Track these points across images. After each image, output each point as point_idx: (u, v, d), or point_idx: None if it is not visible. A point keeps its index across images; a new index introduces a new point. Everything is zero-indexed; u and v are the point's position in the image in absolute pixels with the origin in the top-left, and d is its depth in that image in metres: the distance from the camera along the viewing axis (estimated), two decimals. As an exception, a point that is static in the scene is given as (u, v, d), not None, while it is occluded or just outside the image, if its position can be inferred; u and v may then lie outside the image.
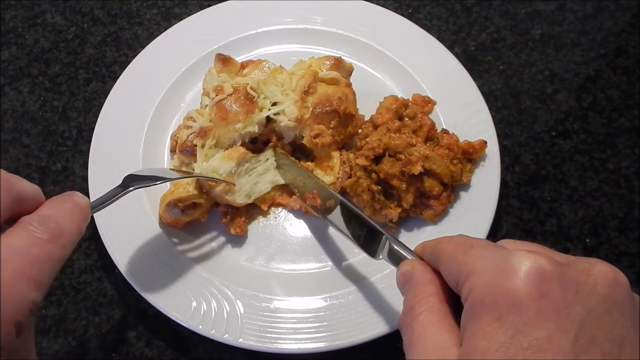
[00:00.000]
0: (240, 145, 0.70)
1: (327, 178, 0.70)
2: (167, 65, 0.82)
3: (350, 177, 0.70)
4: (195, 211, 0.69)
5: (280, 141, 0.73)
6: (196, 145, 0.69)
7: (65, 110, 0.86)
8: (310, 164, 0.73)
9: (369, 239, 0.57)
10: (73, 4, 0.96)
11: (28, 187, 0.38)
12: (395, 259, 0.52)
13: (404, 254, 0.51)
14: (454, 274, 0.40)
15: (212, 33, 0.85)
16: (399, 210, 0.68)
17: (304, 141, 0.71)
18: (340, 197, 0.63)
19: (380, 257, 0.55)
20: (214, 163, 0.68)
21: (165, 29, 0.86)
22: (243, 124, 0.69)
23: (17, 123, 0.85)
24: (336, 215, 0.63)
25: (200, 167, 0.68)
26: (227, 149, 0.70)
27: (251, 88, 0.70)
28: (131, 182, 0.57)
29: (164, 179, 0.63)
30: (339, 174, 0.70)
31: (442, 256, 0.43)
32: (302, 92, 0.70)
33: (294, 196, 0.72)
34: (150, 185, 0.61)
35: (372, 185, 0.68)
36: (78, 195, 0.41)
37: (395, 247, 0.52)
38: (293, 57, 0.78)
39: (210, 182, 0.67)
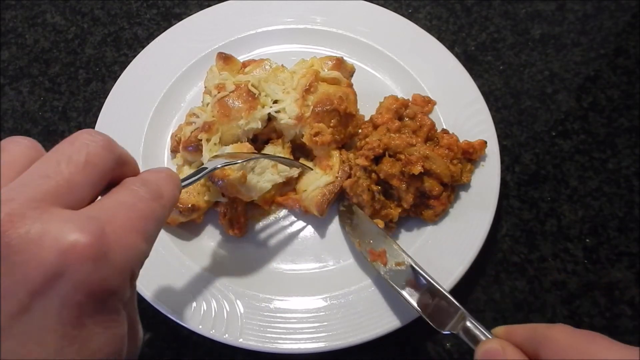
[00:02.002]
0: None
1: (326, 177, 0.70)
2: (167, 65, 0.82)
3: (350, 176, 0.70)
4: (193, 213, 0.69)
5: (280, 139, 0.73)
6: (201, 140, 0.68)
7: (65, 110, 0.86)
8: (309, 163, 0.73)
9: (439, 310, 0.56)
10: (73, 4, 0.96)
11: (126, 153, 0.39)
12: (471, 336, 0.51)
13: (485, 332, 0.50)
14: None
15: (212, 33, 0.85)
16: (399, 210, 0.68)
17: (304, 139, 0.71)
18: (411, 261, 0.61)
19: (449, 330, 0.54)
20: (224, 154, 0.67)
21: (165, 29, 0.86)
22: (246, 120, 0.69)
23: (17, 123, 0.85)
24: (400, 277, 0.61)
25: (205, 159, 0.68)
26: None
27: (252, 85, 0.70)
28: (213, 164, 0.59)
29: (244, 160, 0.64)
30: (338, 173, 0.70)
31: (551, 343, 0.42)
32: (303, 90, 0.70)
33: (293, 196, 0.72)
34: (231, 164, 0.62)
35: (372, 185, 0.68)
36: (170, 169, 0.43)
37: (475, 324, 0.52)
38: (293, 57, 0.78)
39: (225, 172, 0.66)
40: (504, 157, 0.77)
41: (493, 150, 0.72)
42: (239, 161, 0.63)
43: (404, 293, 0.60)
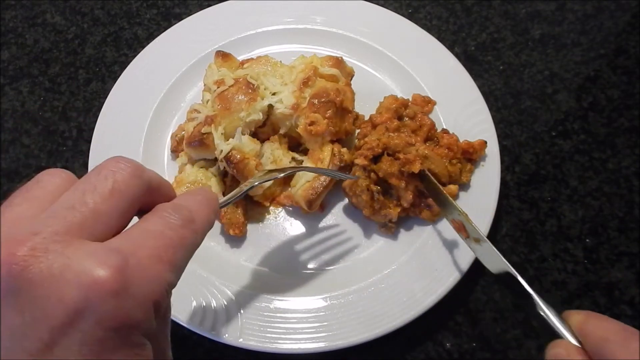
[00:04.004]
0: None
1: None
2: (167, 65, 0.82)
3: (340, 169, 0.69)
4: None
5: (276, 134, 0.73)
6: (204, 135, 0.68)
7: (65, 110, 0.86)
8: (304, 158, 0.73)
9: (513, 290, 0.54)
10: (73, 4, 0.96)
11: (157, 177, 0.39)
12: (544, 323, 0.47)
13: (557, 325, 0.45)
14: None
15: (212, 33, 0.85)
16: (398, 209, 0.68)
17: (299, 129, 0.70)
18: (488, 241, 0.60)
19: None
20: (237, 141, 0.67)
21: (165, 29, 0.86)
22: (247, 112, 0.69)
23: (17, 123, 0.85)
24: (481, 251, 0.60)
25: (222, 144, 0.67)
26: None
27: (251, 77, 0.71)
28: (251, 182, 0.57)
29: (280, 174, 0.62)
30: (328, 166, 0.70)
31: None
32: (300, 83, 0.70)
33: (285, 192, 0.72)
34: (267, 181, 0.61)
35: (371, 185, 0.68)
36: (208, 190, 0.42)
37: (547, 313, 0.47)
38: (293, 57, 0.78)
39: (243, 157, 0.66)
40: (504, 157, 0.77)
41: (493, 150, 0.72)
42: (277, 176, 0.61)
43: (487, 264, 0.59)
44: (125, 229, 0.35)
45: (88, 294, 0.29)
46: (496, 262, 0.57)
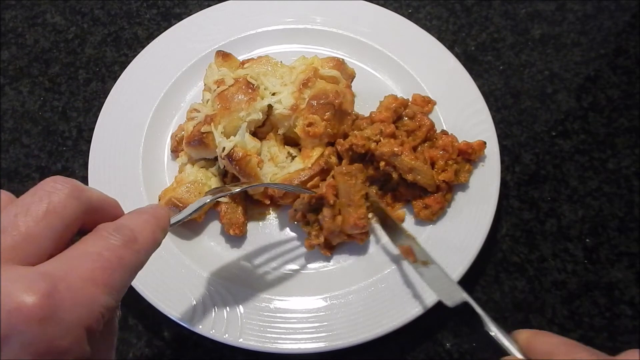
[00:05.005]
0: None
1: (298, 165, 0.70)
2: (167, 65, 0.82)
3: (322, 172, 0.69)
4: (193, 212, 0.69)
5: (275, 134, 0.73)
6: (204, 134, 0.68)
7: (65, 110, 0.86)
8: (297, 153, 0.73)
9: (464, 310, 0.55)
10: (73, 4, 0.96)
11: (99, 196, 0.38)
12: (494, 342, 0.49)
13: (506, 343, 0.47)
14: None
15: (212, 33, 0.85)
16: (318, 241, 0.68)
17: (297, 130, 0.70)
18: (436, 263, 0.60)
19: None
20: (241, 138, 0.67)
21: (165, 29, 0.86)
22: (247, 112, 0.69)
23: (17, 123, 0.85)
24: (429, 274, 0.61)
25: (224, 141, 0.67)
26: None
27: (251, 77, 0.71)
28: (210, 194, 0.57)
29: (234, 190, 0.61)
30: (310, 165, 0.69)
31: None
32: (300, 84, 0.70)
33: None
34: (221, 196, 0.60)
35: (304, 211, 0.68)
36: (158, 207, 0.41)
37: (496, 332, 0.49)
38: (293, 57, 0.78)
39: (246, 154, 0.66)
40: (504, 157, 0.77)
41: (493, 150, 0.72)
42: (231, 192, 0.61)
43: (435, 289, 0.60)
44: (64, 251, 0.34)
45: (12, 320, 0.29)
46: (445, 284, 0.59)
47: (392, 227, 0.66)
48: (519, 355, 0.46)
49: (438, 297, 0.59)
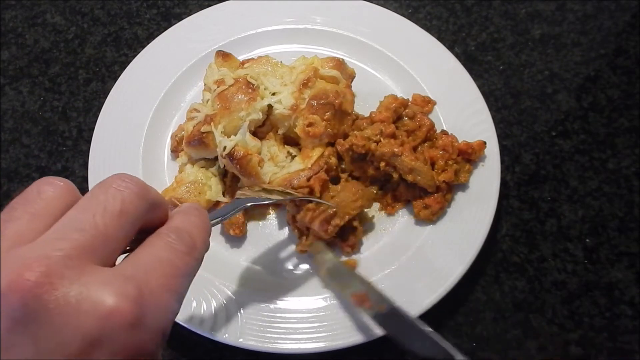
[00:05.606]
0: None
1: (297, 165, 0.70)
2: (167, 65, 0.82)
3: (325, 171, 0.69)
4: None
5: (275, 134, 0.73)
6: (204, 134, 0.68)
7: (65, 110, 0.86)
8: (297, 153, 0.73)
9: (431, 352, 0.51)
10: (73, 4, 0.96)
11: (159, 197, 0.38)
12: None
13: None
14: None
15: (212, 33, 0.85)
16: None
17: (297, 130, 0.70)
18: (393, 304, 0.56)
19: None
20: (242, 137, 0.67)
21: (165, 29, 0.86)
22: (246, 112, 0.69)
23: (17, 123, 0.85)
24: (389, 321, 0.56)
25: (225, 140, 0.67)
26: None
27: (251, 77, 0.71)
28: (243, 201, 0.56)
29: (274, 200, 0.61)
30: (310, 165, 0.69)
31: None
32: (300, 84, 0.70)
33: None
34: (258, 203, 0.60)
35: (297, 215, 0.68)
36: (201, 210, 0.41)
37: None
38: (293, 57, 0.78)
39: (247, 153, 0.66)
40: (504, 157, 0.77)
41: (493, 151, 0.72)
42: (269, 201, 0.60)
43: (397, 337, 0.55)
44: (133, 254, 0.34)
45: (105, 325, 0.29)
46: (409, 326, 0.54)
47: (347, 276, 0.63)
48: None
49: (405, 344, 0.54)
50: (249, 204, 0.55)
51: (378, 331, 0.62)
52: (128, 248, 0.36)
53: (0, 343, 0.28)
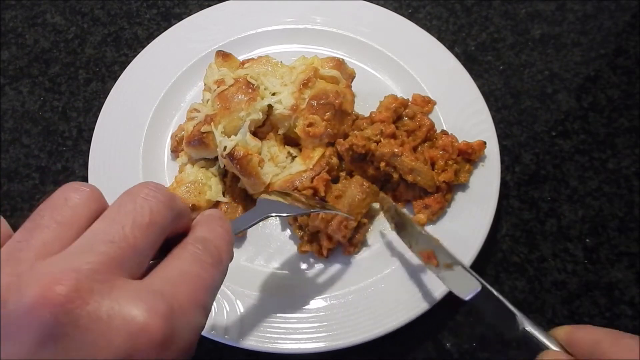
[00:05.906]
0: None
1: (299, 166, 0.70)
2: (167, 65, 0.82)
3: (327, 171, 0.69)
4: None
5: (275, 134, 0.73)
6: (204, 133, 0.68)
7: (65, 110, 0.86)
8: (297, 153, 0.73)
9: (498, 316, 0.52)
10: (73, 4, 0.96)
11: (184, 206, 0.37)
12: (530, 341, 0.48)
13: (544, 340, 0.46)
14: None
15: (212, 33, 0.85)
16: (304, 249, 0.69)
17: (297, 130, 0.70)
18: (461, 262, 0.57)
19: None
20: (242, 137, 0.67)
21: (165, 29, 0.86)
22: (247, 112, 0.69)
23: (17, 123, 0.85)
24: (454, 278, 0.57)
25: (225, 140, 0.67)
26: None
27: (251, 77, 0.71)
28: (267, 209, 0.54)
29: (299, 210, 0.59)
30: (312, 166, 0.69)
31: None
32: (300, 84, 0.70)
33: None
34: (282, 215, 0.62)
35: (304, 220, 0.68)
36: (224, 220, 0.40)
37: (533, 332, 0.48)
38: (293, 57, 0.78)
39: (247, 153, 0.66)
40: (504, 157, 0.77)
41: (493, 151, 0.72)
42: (295, 213, 0.59)
43: (461, 296, 0.55)
44: (160, 266, 0.33)
45: (136, 343, 0.28)
46: (471, 285, 0.55)
47: (413, 232, 0.62)
48: (556, 349, 0.45)
49: (465, 298, 0.55)
50: (273, 214, 0.54)
51: (378, 331, 0.62)
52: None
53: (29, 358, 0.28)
